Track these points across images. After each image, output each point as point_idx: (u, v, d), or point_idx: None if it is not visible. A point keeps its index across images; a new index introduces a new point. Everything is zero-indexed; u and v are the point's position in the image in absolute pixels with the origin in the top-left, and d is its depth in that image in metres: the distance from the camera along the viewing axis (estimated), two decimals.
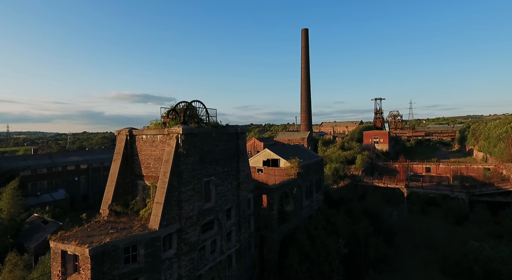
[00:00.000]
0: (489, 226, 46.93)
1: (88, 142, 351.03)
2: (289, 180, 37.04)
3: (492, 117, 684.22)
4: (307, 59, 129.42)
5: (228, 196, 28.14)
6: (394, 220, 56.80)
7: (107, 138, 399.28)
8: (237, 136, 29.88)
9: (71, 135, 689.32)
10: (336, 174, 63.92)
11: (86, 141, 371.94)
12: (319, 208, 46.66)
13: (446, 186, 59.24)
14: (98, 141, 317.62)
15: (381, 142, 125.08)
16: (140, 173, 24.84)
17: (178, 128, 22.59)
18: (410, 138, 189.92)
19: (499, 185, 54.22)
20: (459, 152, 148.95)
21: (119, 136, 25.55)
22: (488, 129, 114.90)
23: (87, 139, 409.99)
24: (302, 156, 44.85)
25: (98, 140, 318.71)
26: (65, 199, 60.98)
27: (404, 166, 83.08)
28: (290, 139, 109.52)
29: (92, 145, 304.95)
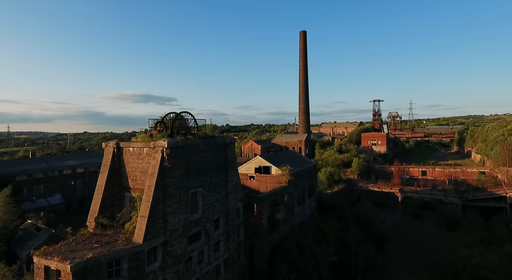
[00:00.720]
0: (480, 231, 47.06)
1: (88, 143, 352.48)
2: (280, 188, 37.28)
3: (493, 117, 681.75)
4: (305, 61, 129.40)
5: (216, 207, 28.41)
6: (388, 224, 57.01)
7: (108, 138, 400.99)
8: (226, 146, 30.14)
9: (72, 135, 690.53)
10: (331, 179, 64.11)
11: (86, 142, 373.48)
12: (312, 214, 46.91)
13: (440, 191, 59.39)
14: (99, 141, 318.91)
15: (379, 144, 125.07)
16: (127, 185, 25.13)
17: (163, 142, 22.85)
18: (409, 139, 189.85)
19: (492, 190, 54.35)
20: (457, 153, 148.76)
21: (107, 149, 25.85)
22: (486, 131, 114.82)
23: (87, 140, 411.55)
24: (295, 163, 45.08)
25: (98, 141, 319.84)
26: (60, 204, 61.35)
27: (400, 170, 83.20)
28: (288, 142, 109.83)
29: (92, 146, 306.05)
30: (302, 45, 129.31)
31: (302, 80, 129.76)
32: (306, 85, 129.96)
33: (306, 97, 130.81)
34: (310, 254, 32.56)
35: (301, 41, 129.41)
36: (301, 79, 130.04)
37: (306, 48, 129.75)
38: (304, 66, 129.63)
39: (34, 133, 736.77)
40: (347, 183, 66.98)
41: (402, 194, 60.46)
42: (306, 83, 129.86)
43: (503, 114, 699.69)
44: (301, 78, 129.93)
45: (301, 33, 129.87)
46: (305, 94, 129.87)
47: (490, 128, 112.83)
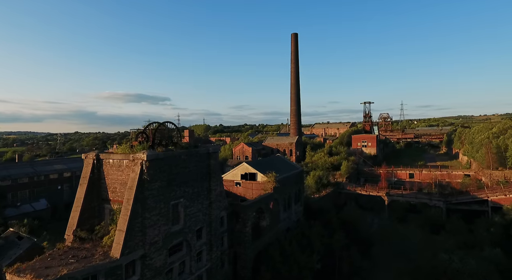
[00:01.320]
0: (463, 235, 48.12)
1: (78, 144, 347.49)
2: (265, 195, 37.47)
3: (482, 117, 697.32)
4: (296, 63, 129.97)
5: (198, 217, 28.43)
6: (374, 228, 57.80)
7: (99, 139, 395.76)
8: (209, 156, 30.16)
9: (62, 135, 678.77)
10: (319, 182, 64.63)
11: (77, 142, 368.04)
12: (298, 219, 47.25)
13: (425, 194, 60.48)
14: (89, 142, 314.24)
15: (369, 146, 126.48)
16: (107, 197, 24.96)
17: (143, 155, 22.78)
18: (400, 140, 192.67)
19: (475, 194, 55.60)
20: (446, 155, 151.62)
21: (86, 160, 25.62)
22: (472, 133, 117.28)
23: (78, 140, 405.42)
24: (281, 169, 45.35)
25: (89, 141, 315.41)
26: (46, 209, 60.42)
27: (389, 172, 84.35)
28: (279, 144, 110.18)
29: (82, 147, 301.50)
30: (293, 47, 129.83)
31: (294, 82, 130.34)
32: (298, 87, 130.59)
33: (298, 99, 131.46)
34: (294, 261, 32.85)
35: (292, 44, 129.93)
36: (292, 81, 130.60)
37: (297, 50, 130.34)
38: (296, 68, 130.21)
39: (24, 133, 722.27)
40: (335, 186, 67.62)
41: (388, 198, 61.36)
42: (297, 85, 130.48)
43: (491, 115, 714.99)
44: (293, 80, 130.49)
45: (292, 35, 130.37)
46: (297, 96, 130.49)
47: (476, 130, 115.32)
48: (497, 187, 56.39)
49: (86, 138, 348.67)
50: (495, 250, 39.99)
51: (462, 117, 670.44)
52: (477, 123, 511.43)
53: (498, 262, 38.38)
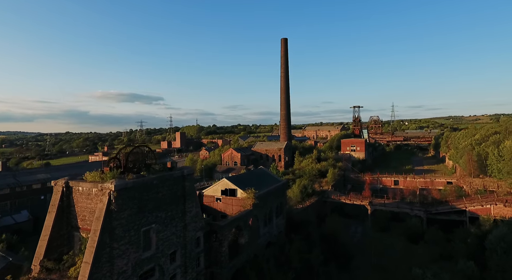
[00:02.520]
0: (440, 246, 49.28)
1: (69, 145, 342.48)
2: (243, 213, 37.73)
3: (471, 118, 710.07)
4: (286, 68, 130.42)
5: (172, 240, 28.54)
6: (357, 238, 58.71)
7: (90, 140, 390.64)
8: (184, 178, 30.26)
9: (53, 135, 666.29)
10: (304, 192, 65.22)
11: (67, 144, 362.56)
12: (280, 232, 47.68)
13: (406, 204, 61.61)
14: (79, 144, 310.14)
15: (358, 150, 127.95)
16: (77, 225, 24.89)
17: (111, 184, 22.78)
18: (390, 142, 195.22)
19: (454, 204, 56.89)
20: (433, 158, 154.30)
21: (56, 187, 25.48)
22: (458, 138, 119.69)
23: (68, 141, 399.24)
24: (263, 183, 45.69)
25: (79, 143, 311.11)
26: (27, 221, 59.57)
27: (374, 179, 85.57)
28: (268, 149, 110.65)
29: (72, 149, 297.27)
30: (283, 52, 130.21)
31: (284, 87, 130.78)
32: (287, 91, 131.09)
33: (288, 103, 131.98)
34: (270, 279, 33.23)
35: (282, 49, 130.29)
36: (282, 86, 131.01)
37: (287, 55, 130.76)
38: (286, 73, 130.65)
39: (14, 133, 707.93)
40: (320, 195, 68.32)
41: (371, 207, 62.33)
42: (287, 90, 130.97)
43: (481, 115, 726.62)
44: (282, 85, 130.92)
45: (282, 40, 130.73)
46: (287, 100, 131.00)
47: (461, 135, 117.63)
48: (475, 197, 57.82)
49: (76, 139, 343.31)
50: (468, 262, 41.06)
51: (452, 118, 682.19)
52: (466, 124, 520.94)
53: (471, 275, 39.50)
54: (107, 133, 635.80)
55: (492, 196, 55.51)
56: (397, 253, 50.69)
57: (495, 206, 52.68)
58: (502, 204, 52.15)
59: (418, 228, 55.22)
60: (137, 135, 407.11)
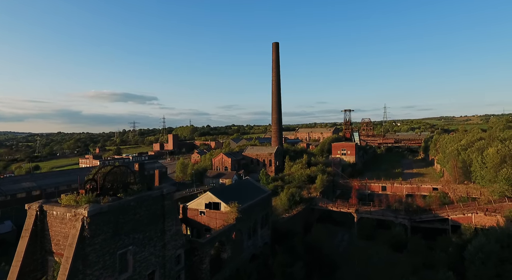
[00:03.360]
0: (423, 255, 50.06)
1: (59, 146, 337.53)
2: (226, 228, 37.86)
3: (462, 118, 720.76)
4: (278, 72, 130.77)
5: (150, 260, 28.52)
6: (343, 246, 59.33)
7: (81, 141, 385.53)
8: (163, 197, 30.25)
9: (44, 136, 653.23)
10: (292, 200, 65.61)
11: (58, 145, 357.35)
12: (265, 243, 47.96)
13: (392, 212, 62.48)
14: (70, 145, 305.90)
15: (348, 154, 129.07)
16: (51, 249, 24.70)
17: (84, 210, 22.67)
18: (381, 145, 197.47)
19: (437, 212, 57.93)
20: (423, 161, 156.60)
21: (29, 211, 25.24)
22: (446, 142, 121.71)
23: (60, 142, 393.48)
24: (248, 195, 45.87)
25: (70, 145, 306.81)
26: (11, 232, 58.72)
27: (362, 185, 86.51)
28: (258, 154, 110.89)
29: (63, 150, 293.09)
30: (274, 57, 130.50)
31: (275, 91, 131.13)
32: (279, 95, 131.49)
33: (279, 107, 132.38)
34: None
35: (273, 53, 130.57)
36: (274, 90, 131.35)
37: (278, 59, 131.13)
38: (277, 77, 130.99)
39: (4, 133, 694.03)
40: (308, 203, 68.83)
41: (358, 215, 63.05)
42: (278, 94, 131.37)
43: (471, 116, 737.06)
44: (274, 89, 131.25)
45: (273, 44, 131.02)
46: (278, 104, 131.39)
47: (448, 140, 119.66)
48: (457, 205, 58.95)
49: (67, 142, 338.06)
50: (448, 273, 41.88)
51: (444, 118, 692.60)
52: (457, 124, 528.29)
53: None
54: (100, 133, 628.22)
55: (474, 205, 56.70)
56: (382, 262, 51.36)
57: (476, 215, 53.82)
58: (482, 213, 53.32)
59: (402, 236, 56.02)
60: (130, 135, 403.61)
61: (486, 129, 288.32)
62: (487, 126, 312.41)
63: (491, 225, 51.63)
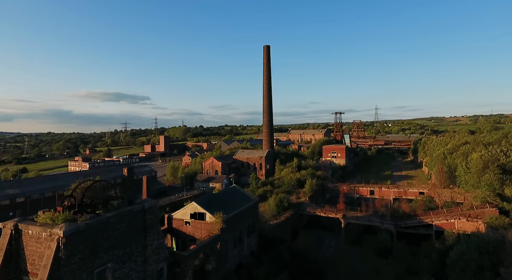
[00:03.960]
0: (407, 261, 50.92)
1: (49, 147, 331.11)
2: (210, 239, 37.82)
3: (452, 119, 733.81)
4: (269, 75, 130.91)
5: (131, 276, 28.29)
6: (330, 252, 59.89)
7: (72, 141, 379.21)
8: (145, 211, 30.04)
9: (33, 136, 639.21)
10: (280, 206, 65.87)
11: (47, 146, 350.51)
12: (252, 252, 48.07)
13: (378, 217, 63.33)
14: (60, 146, 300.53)
15: (338, 156, 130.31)
16: (26, 269, 24.27)
17: (59, 230, 22.36)
18: (371, 146, 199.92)
19: (421, 217, 58.99)
20: (412, 163, 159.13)
21: (4, 230, 24.73)
22: (433, 145, 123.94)
23: (49, 142, 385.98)
24: (234, 205, 45.90)
25: (59, 146, 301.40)
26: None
27: (351, 189, 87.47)
28: (249, 158, 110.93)
29: (52, 152, 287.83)
30: (265, 60, 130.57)
31: (266, 93, 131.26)
32: (270, 98, 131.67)
33: (270, 110, 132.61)
34: None
35: (264, 56, 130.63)
36: (265, 93, 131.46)
37: (269, 62, 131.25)
38: (268, 80, 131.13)
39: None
40: (296, 208, 69.22)
41: (345, 220, 63.72)
42: (270, 97, 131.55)
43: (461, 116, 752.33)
44: (265, 92, 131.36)
45: (264, 47, 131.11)
46: (269, 107, 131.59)
47: (436, 143, 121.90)
48: (441, 211, 60.15)
49: (56, 143, 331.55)
50: (430, 279, 42.78)
51: (434, 119, 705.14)
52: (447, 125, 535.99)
53: None
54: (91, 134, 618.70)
55: (457, 210, 57.94)
56: (367, 269, 52.09)
57: (459, 221, 55.00)
58: (465, 219, 54.52)
59: (387, 242, 56.84)
60: (121, 136, 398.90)
61: (474, 130, 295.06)
62: (475, 127, 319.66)
63: (473, 230, 52.85)
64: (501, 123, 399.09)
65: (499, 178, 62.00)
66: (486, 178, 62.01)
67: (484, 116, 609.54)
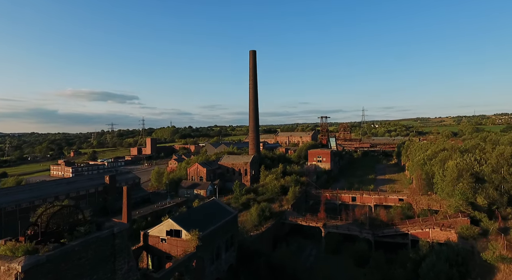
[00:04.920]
0: (383, 271, 52.22)
1: (31, 149, 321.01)
2: (185, 257, 37.72)
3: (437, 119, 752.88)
4: (255, 80, 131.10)
5: None
6: (310, 261, 60.74)
7: (56, 143, 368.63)
8: (114, 236, 29.68)
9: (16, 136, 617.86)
10: (262, 215, 66.23)
11: (29, 147, 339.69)
12: (231, 265, 48.20)
13: (357, 226, 64.61)
14: (43, 149, 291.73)
15: (324, 161, 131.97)
16: None
17: (18, 265, 21.87)
18: (357, 149, 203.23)
19: (398, 226, 60.56)
20: (396, 166, 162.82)
21: None
22: (415, 149, 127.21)
23: (32, 144, 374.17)
24: (211, 220, 45.88)
25: (42, 148, 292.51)
26: None
27: (333, 195, 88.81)
28: (234, 163, 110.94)
29: (35, 154, 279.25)
30: (251, 65, 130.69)
31: (252, 99, 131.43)
32: (256, 103, 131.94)
33: (256, 115, 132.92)
34: None
35: (251, 61, 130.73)
36: (251, 98, 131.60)
37: (256, 67, 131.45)
38: (254, 85, 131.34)
39: None
40: (278, 217, 69.77)
41: (325, 229, 64.71)
42: (256, 101, 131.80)
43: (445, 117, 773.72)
44: (251, 97, 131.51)
45: (250, 53, 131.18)
46: (255, 112, 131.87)
47: (417, 147, 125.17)
48: (417, 220, 61.92)
49: (39, 145, 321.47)
50: None
51: (420, 119, 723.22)
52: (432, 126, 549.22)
53: None
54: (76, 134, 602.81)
55: (431, 220, 59.77)
56: (345, 278, 53.16)
57: (433, 230, 56.75)
58: (439, 228, 56.29)
59: (365, 252, 58.10)
60: (108, 137, 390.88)
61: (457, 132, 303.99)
62: (457, 129, 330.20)
63: (446, 239, 54.69)
64: (482, 125, 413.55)
65: (472, 186, 64.23)
66: (460, 187, 64.12)
67: (467, 116, 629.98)
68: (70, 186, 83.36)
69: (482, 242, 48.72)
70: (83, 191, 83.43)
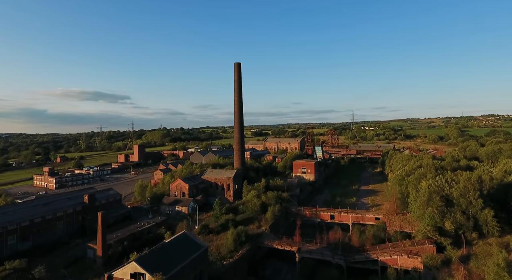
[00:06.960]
0: None
1: (17, 153, 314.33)
2: None
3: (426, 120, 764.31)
4: (240, 92, 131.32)
5: None
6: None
7: (43, 146, 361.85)
8: None
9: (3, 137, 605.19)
10: (238, 240, 66.89)
11: (15, 151, 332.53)
12: None
13: (330, 251, 65.89)
14: (28, 154, 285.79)
15: (308, 172, 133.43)
16: None
17: None
18: (344, 156, 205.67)
19: (369, 253, 62.04)
20: (380, 174, 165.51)
21: None
22: (396, 161, 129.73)
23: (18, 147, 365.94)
24: (179, 257, 46.29)
25: (27, 154, 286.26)
26: None
27: (313, 213, 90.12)
28: (217, 178, 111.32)
29: (20, 160, 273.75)
30: (236, 77, 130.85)
31: (237, 110, 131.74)
32: (241, 115, 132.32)
33: (241, 127, 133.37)
34: None
35: (235, 73, 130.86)
36: (236, 110, 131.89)
37: (241, 79, 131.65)
38: (239, 97, 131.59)
39: None
40: (255, 241, 70.56)
41: (299, 254, 65.84)
42: (241, 113, 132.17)
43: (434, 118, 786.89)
44: (236, 109, 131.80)
45: (235, 65, 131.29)
46: (240, 124, 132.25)
47: (398, 159, 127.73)
48: (386, 245, 63.50)
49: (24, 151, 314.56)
50: None
51: (410, 120, 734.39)
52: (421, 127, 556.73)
53: None
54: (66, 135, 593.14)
55: (400, 246, 61.41)
56: None
57: (401, 257, 58.38)
58: (406, 256, 57.93)
59: (337, 278, 59.43)
60: (97, 140, 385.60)
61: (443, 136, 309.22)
62: (444, 132, 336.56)
63: (413, 267, 56.40)
64: (469, 127, 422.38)
65: (441, 210, 66.07)
66: (429, 212, 65.90)
67: (455, 117, 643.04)
68: (47, 207, 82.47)
69: (443, 273, 50.42)
70: (61, 212, 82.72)
